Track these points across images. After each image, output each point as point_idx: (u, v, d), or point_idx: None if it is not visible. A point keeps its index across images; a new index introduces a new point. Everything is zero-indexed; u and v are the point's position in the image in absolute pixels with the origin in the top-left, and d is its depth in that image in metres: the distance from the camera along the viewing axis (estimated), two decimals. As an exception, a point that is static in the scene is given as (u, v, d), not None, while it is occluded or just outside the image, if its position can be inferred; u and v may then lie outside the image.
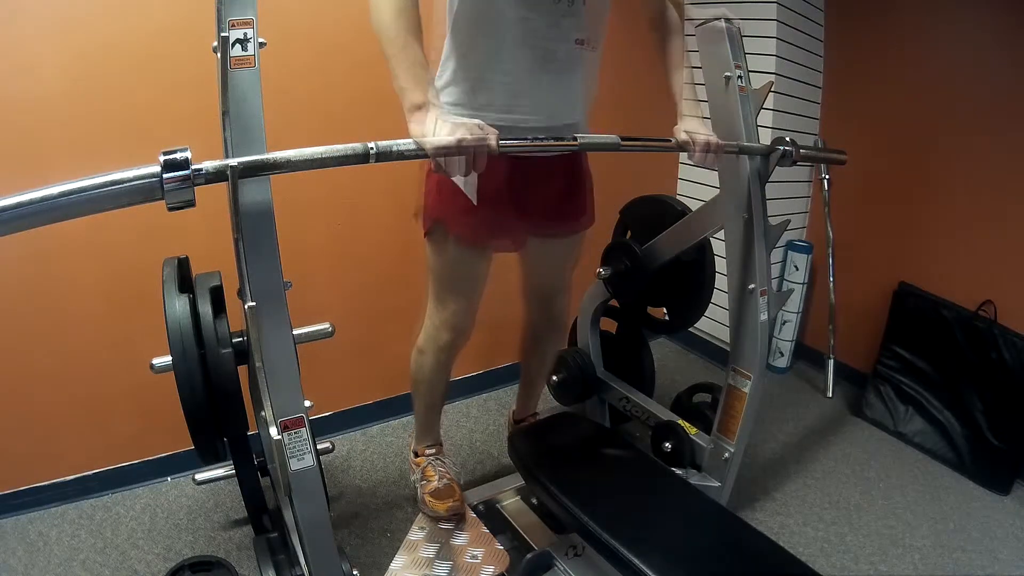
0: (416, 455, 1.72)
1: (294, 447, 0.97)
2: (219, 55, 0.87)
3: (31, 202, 0.76)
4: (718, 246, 1.67)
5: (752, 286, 1.55)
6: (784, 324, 2.55)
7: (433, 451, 1.69)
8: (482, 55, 1.24)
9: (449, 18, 1.26)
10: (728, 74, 1.48)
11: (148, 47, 1.59)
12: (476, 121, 1.06)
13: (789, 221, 1.70)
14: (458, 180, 1.31)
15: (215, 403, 1.24)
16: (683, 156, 2.66)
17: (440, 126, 1.02)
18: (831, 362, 2.49)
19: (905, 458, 2.11)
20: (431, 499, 1.62)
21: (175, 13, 1.58)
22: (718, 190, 1.61)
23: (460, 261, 1.43)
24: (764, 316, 1.56)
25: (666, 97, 1.49)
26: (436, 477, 1.64)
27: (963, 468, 2.03)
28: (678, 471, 1.67)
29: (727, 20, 1.44)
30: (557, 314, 1.71)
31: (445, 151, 1.02)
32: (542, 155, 1.35)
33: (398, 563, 1.53)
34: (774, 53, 2.24)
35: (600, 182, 1.54)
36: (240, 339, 1.28)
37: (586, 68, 1.33)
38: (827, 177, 2.46)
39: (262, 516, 1.56)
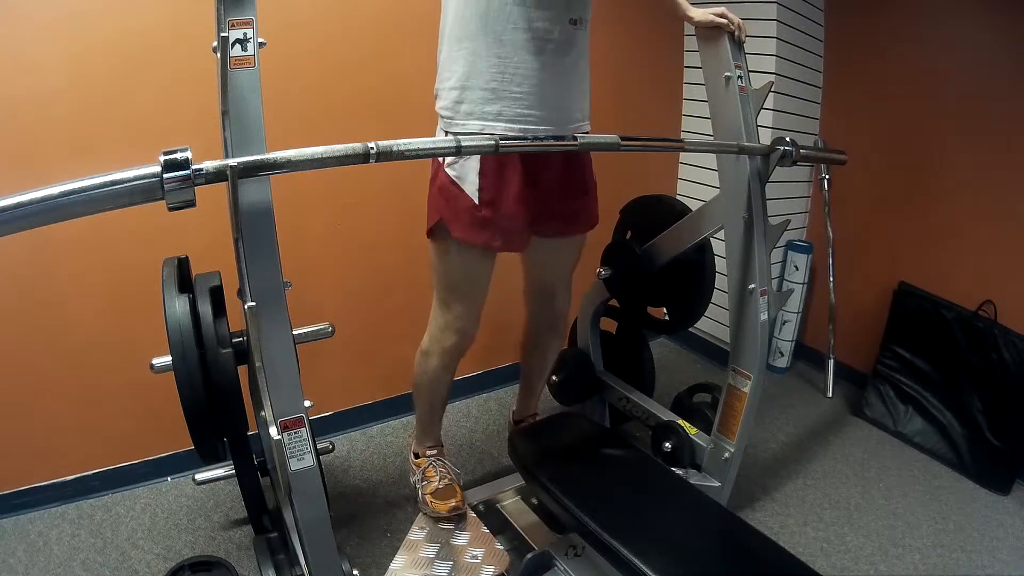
0: (416, 456, 1.72)
1: (294, 447, 0.97)
2: (219, 55, 0.87)
3: (31, 202, 0.76)
4: (718, 246, 1.66)
5: (752, 286, 1.55)
6: (784, 324, 2.55)
7: (434, 452, 1.69)
8: (482, 48, 1.25)
9: (445, 18, 1.29)
10: (728, 74, 1.48)
11: (149, 47, 1.59)
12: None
13: (789, 221, 1.70)
14: (460, 181, 1.32)
15: (215, 403, 1.24)
16: (683, 156, 2.68)
17: None
18: (831, 362, 2.49)
19: (905, 458, 2.11)
20: (432, 499, 1.62)
21: (176, 12, 1.58)
22: (718, 190, 1.61)
23: (463, 263, 1.42)
24: (764, 316, 1.56)
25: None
26: (437, 478, 1.64)
27: (963, 468, 2.03)
28: (678, 471, 1.67)
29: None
30: (558, 313, 1.71)
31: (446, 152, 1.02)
32: (547, 153, 1.35)
33: (398, 563, 1.52)
34: (774, 53, 2.24)
35: (600, 182, 1.54)
36: (240, 339, 1.28)
37: (580, 48, 1.34)
38: (827, 177, 2.46)
39: (262, 516, 1.56)
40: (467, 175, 1.33)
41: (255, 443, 1.53)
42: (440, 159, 1.36)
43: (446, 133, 1.35)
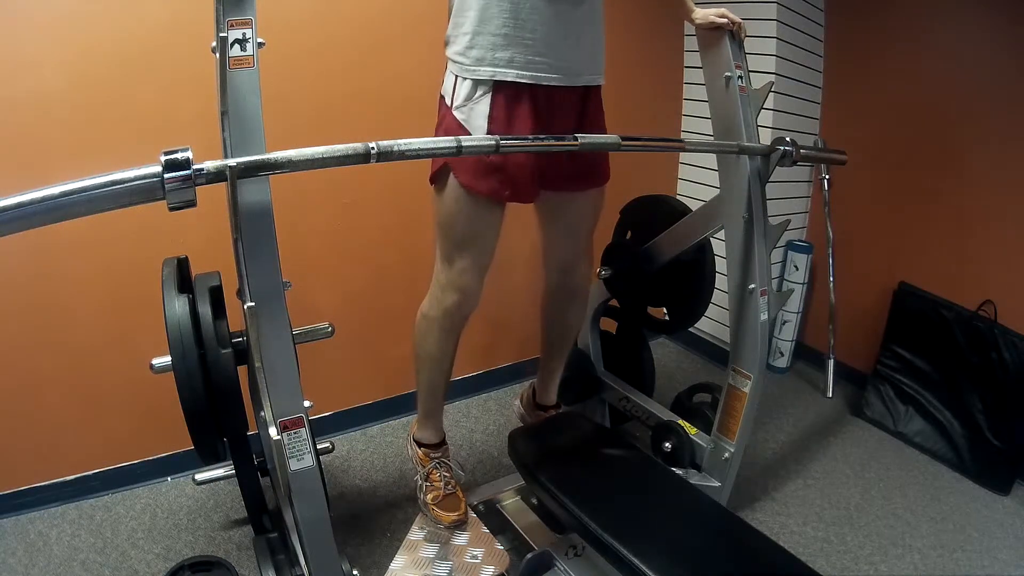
0: (419, 446, 1.68)
1: (294, 447, 0.97)
2: (218, 55, 0.87)
3: (32, 202, 0.76)
4: (718, 246, 1.66)
5: (752, 286, 1.55)
6: (784, 324, 2.55)
7: (439, 453, 1.66)
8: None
9: None
10: (728, 74, 1.48)
11: (149, 47, 1.59)
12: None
13: (789, 221, 1.70)
14: (468, 125, 1.30)
15: (215, 403, 1.24)
16: (683, 156, 2.68)
17: None
18: (831, 362, 2.49)
19: (905, 458, 2.11)
20: (437, 509, 1.61)
21: (176, 12, 1.58)
22: (718, 190, 1.61)
23: (468, 212, 1.36)
24: (764, 316, 1.56)
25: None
26: (442, 484, 1.62)
27: (963, 468, 2.03)
28: (678, 471, 1.67)
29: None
30: (578, 283, 1.65)
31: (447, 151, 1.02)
32: (560, 102, 1.33)
33: (398, 563, 1.52)
34: (774, 53, 2.24)
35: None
36: (240, 339, 1.27)
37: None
38: (827, 177, 2.46)
39: (262, 516, 1.57)
40: (476, 120, 1.30)
41: (255, 443, 1.53)
42: (448, 102, 1.33)
43: (456, 77, 1.32)
